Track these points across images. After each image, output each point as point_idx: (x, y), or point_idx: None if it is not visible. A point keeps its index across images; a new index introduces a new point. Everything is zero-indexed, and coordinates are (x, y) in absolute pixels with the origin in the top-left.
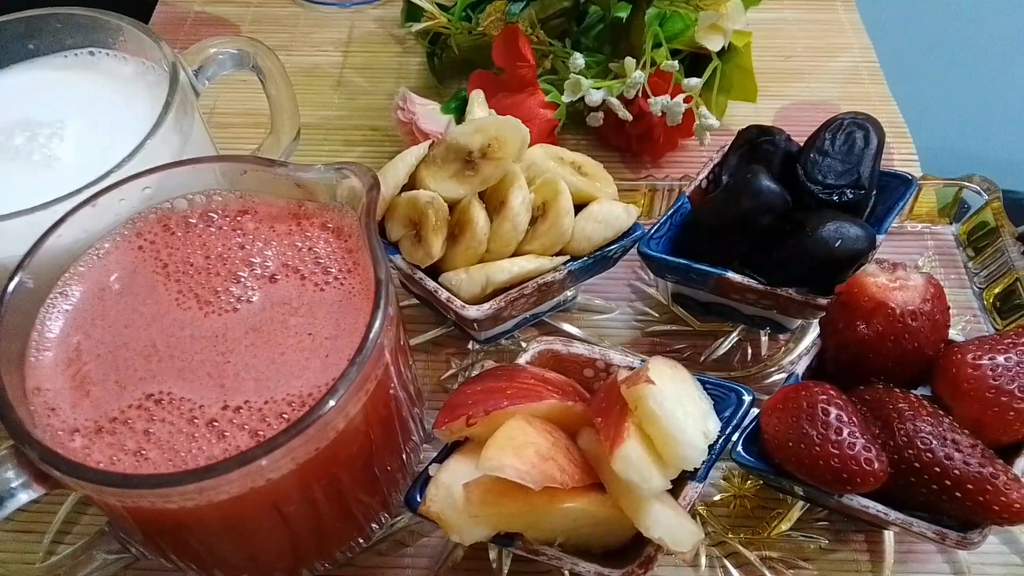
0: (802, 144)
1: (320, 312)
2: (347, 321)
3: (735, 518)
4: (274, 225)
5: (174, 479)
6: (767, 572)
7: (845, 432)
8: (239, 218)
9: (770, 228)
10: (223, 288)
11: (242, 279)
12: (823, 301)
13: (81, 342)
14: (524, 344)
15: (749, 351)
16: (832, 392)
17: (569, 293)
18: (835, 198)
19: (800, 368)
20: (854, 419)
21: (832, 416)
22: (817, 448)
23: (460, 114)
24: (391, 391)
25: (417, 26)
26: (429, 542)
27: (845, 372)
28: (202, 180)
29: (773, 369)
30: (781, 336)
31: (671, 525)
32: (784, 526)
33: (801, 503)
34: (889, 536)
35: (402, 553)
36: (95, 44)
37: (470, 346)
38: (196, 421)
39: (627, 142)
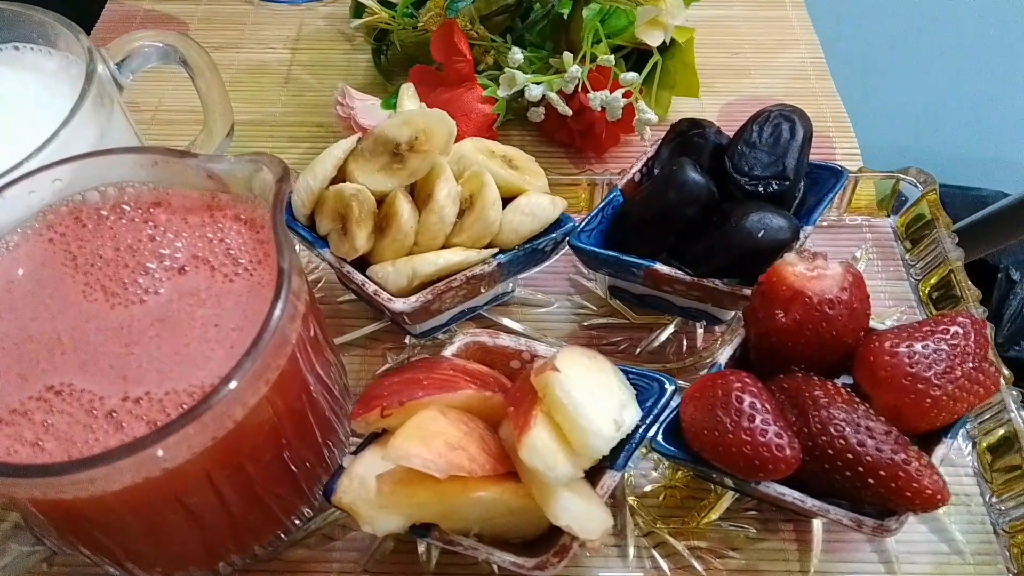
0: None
1: (228, 303)
2: (254, 312)
3: (665, 508)
4: (187, 217)
5: (62, 468)
6: (695, 562)
7: (758, 419)
8: (152, 210)
9: (696, 219)
10: (131, 280)
11: (151, 271)
12: (748, 292)
13: None
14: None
15: (685, 343)
16: (747, 380)
17: (507, 287)
18: (761, 189)
19: (723, 358)
20: (767, 406)
21: (746, 404)
22: (730, 435)
23: None
24: (302, 384)
25: (357, 21)
26: (357, 535)
27: (766, 361)
28: (115, 172)
29: (708, 360)
30: (717, 328)
31: (579, 513)
32: (713, 516)
33: (731, 493)
34: (817, 525)
35: (330, 547)
36: (19, 39)
37: (407, 340)
38: (95, 412)
39: (570, 138)
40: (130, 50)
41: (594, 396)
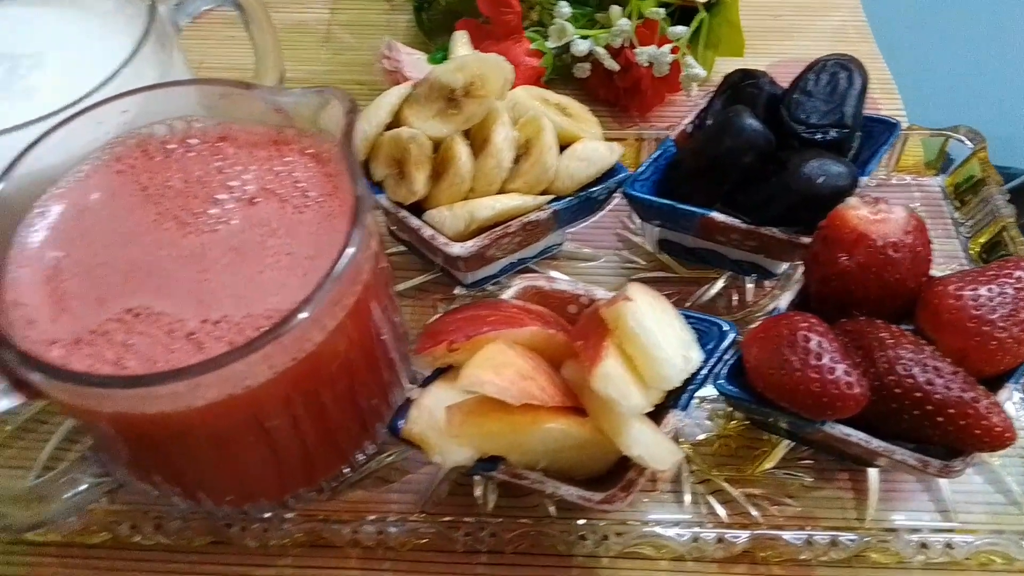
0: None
1: (299, 233)
2: (326, 242)
3: (719, 457)
4: (253, 151)
5: (151, 379)
6: (751, 508)
7: (826, 358)
8: (218, 144)
9: (753, 167)
10: (202, 210)
11: (221, 201)
12: (806, 240)
13: (60, 260)
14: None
15: (735, 297)
16: (813, 320)
17: (555, 239)
18: (819, 137)
19: (783, 303)
20: (835, 345)
21: (813, 343)
22: (798, 373)
23: None
24: (371, 318)
25: None
26: (413, 478)
27: (828, 306)
28: (181, 106)
29: (759, 315)
30: (767, 282)
31: (650, 443)
32: (768, 464)
33: (785, 443)
34: (873, 474)
35: (387, 489)
36: None
37: (456, 291)
38: (175, 333)
39: (615, 95)
40: None
41: (663, 327)
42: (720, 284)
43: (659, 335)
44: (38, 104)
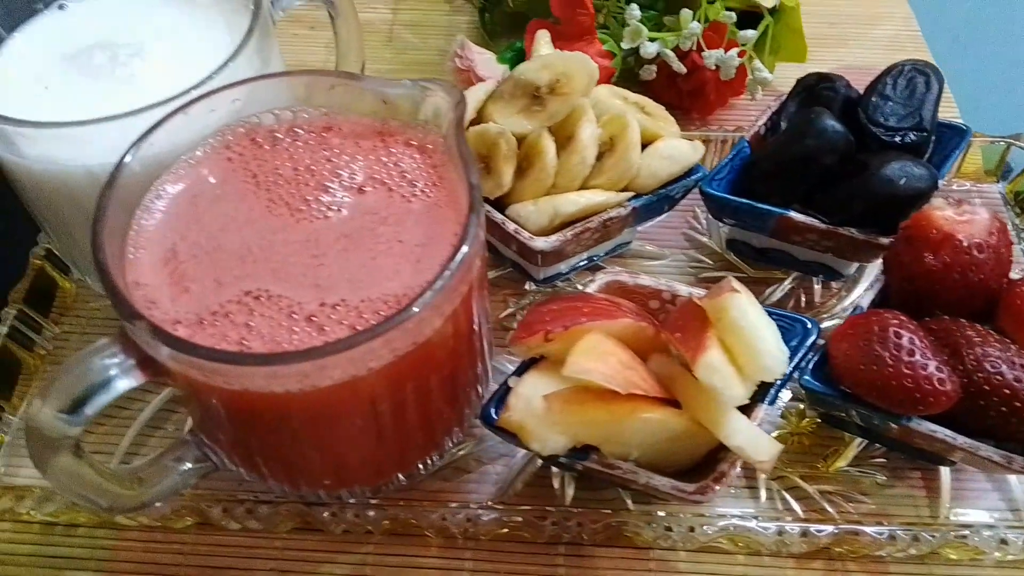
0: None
1: (408, 222)
2: (435, 230)
3: (792, 455)
4: (358, 141)
5: (286, 357)
6: (827, 505)
7: (917, 354)
8: (324, 134)
9: (832, 168)
10: (313, 197)
11: (331, 189)
12: (885, 240)
13: (177, 243)
14: (580, 286)
15: (803, 298)
16: (903, 317)
17: (626, 237)
18: (898, 140)
19: (864, 302)
20: (925, 342)
21: (904, 339)
22: (890, 369)
23: (515, 63)
24: (475, 305)
25: None
26: (490, 469)
27: (910, 305)
28: (289, 96)
29: (825, 316)
30: (834, 283)
31: (750, 434)
32: (841, 462)
33: (857, 441)
34: (945, 473)
35: (465, 479)
36: None
37: (527, 286)
38: (295, 316)
39: (678, 98)
40: None
41: (763, 320)
42: (787, 284)
43: (763, 327)
44: (140, 89)
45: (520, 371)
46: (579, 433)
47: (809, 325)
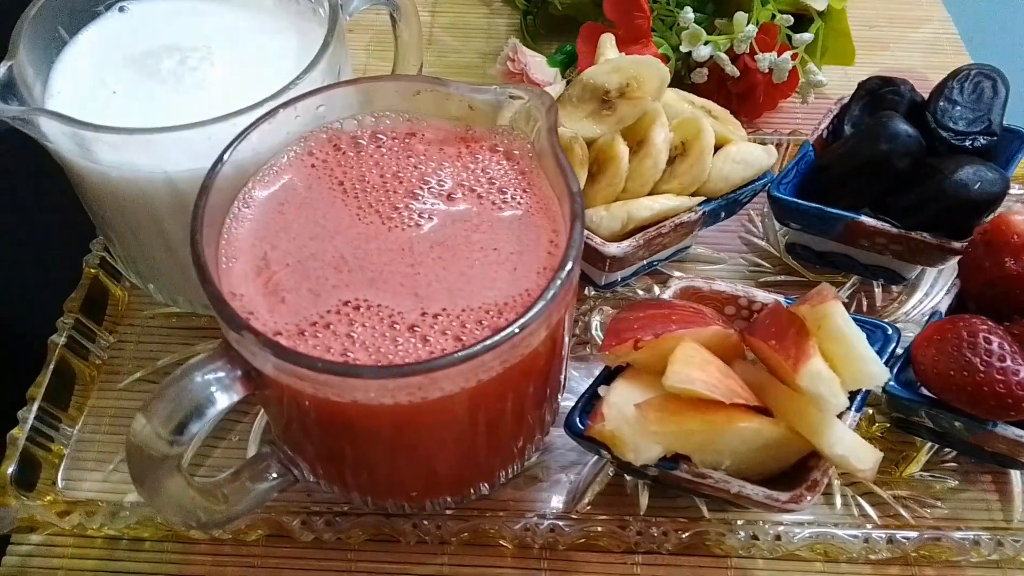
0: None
1: (500, 229)
2: (528, 237)
3: None
4: (443, 147)
5: (405, 369)
6: (902, 510)
7: (1008, 360)
8: (407, 140)
9: (904, 172)
10: (403, 205)
11: (420, 196)
12: (957, 245)
13: (268, 252)
14: (641, 291)
15: (864, 302)
16: (991, 323)
17: (688, 241)
18: (967, 144)
19: (943, 307)
20: (1015, 348)
21: (994, 345)
22: (981, 375)
23: (566, 68)
24: (568, 314)
25: None
26: (561, 478)
27: (988, 310)
28: (373, 102)
29: (886, 321)
30: (894, 287)
31: (853, 443)
32: (913, 468)
33: (928, 446)
34: (1016, 476)
35: (537, 487)
36: None
37: (586, 292)
38: (397, 326)
39: (726, 100)
40: None
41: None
42: (848, 288)
43: (864, 336)
44: (211, 96)
45: (605, 379)
46: (675, 443)
47: (890, 331)
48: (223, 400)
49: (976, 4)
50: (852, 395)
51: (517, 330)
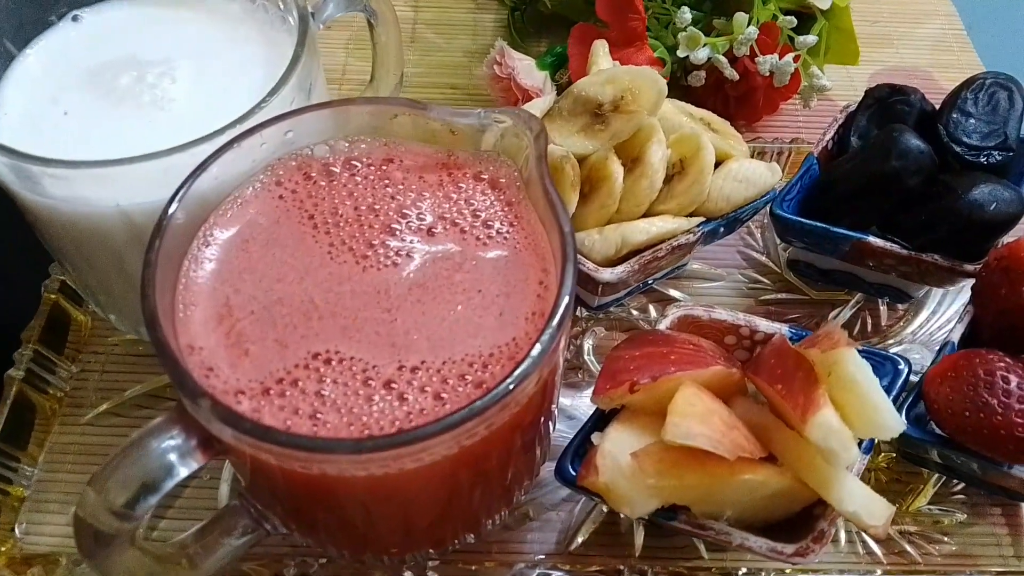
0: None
1: (486, 268)
2: (516, 277)
3: None
4: (422, 174)
5: (379, 442)
6: (908, 547)
7: None
8: (384, 167)
9: (915, 190)
10: (379, 241)
11: (398, 231)
12: (970, 268)
13: (231, 297)
14: (634, 312)
15: (868, 321)
16: (1008, 360)
17: (684, 259)
18: (982, 160)
19: (955, 336)
20: None
21: (1012, 384)
22: (999, 417)
23: (555, 70)
24: (560, 356)
25: None
26: (552, 516)
27: (1005, 340)
28: (341, 125)
29: (891, 341)
30: (900, 305)
31: (865, 498)
32: (920, 502)
33: (936, 477)
34: None
35: (527, 528)
36: None
37: (579, 313)
38: (372, 383)
39: (724, 104)
40: None
41: (872, 374)
42: (852, 306)
43: (877, 384)
44: (174, 116)
45: (598, 422)
46: (673, 495)
47: (901, 364)
48: (181, 471)
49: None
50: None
51: (505, 391)
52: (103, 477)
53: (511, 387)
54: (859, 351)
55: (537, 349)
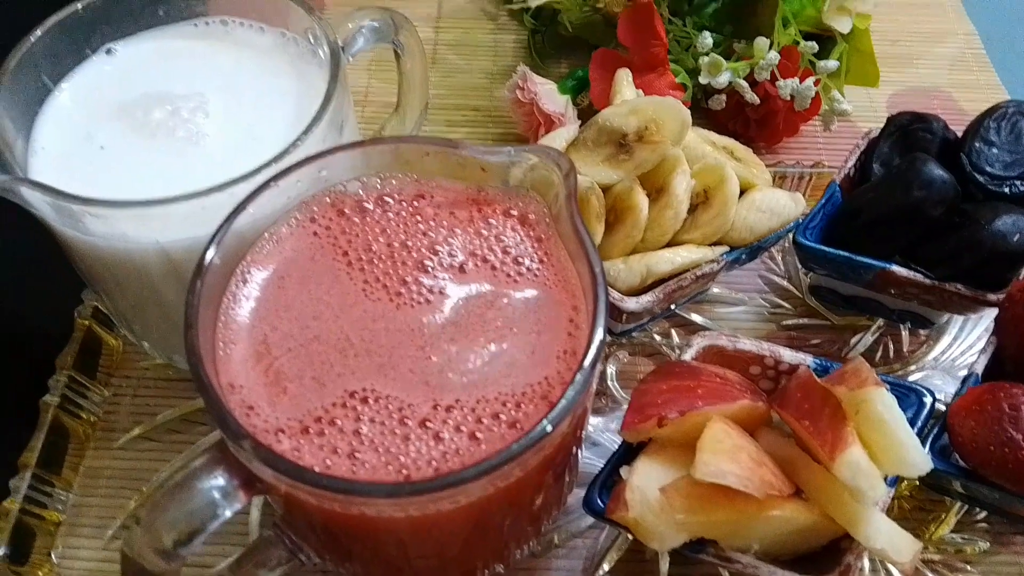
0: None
1: (518, 305)
2: (548, 315)
3: (894, 521)
4: (453, 211)
5: (419, 487)
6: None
7: None
8: (416, 203)
9: (938, 220)
10: (412, 278)
11: (430, 269)
12: (993, 297)
13: (268, 335)
14: (656, 336)
15: (891, 347)
16: None
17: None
18: (1005, 189)
19: (979, 367)
20: None
21: None
22: (1023, 452)
23: (577, 94)
24: (592, 392)
25: (533, 0)
26: (578, 543)
27: None
28: (373, 162)
29: (913, 368)
30: (921, 331)
31: (892, 535)
32: (943, 530)
33: (959, 505)
34: None
35: (554, 554)
36: (227, 12)
37: None
38: (408, 422)
39: (744, 127)
40: (347, 33)
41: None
42: (874, 332)
43: (906, 423)
44: (207, 151)
45: (626, 455)
46: (702, 530)
47: (925, 395)
48: (225, 512)
49: (1003, 16)
50: None
51: (542, 434)
52: (151, 518)
53: (548, 429)
54: (883, 379)
55: (572, 392)
